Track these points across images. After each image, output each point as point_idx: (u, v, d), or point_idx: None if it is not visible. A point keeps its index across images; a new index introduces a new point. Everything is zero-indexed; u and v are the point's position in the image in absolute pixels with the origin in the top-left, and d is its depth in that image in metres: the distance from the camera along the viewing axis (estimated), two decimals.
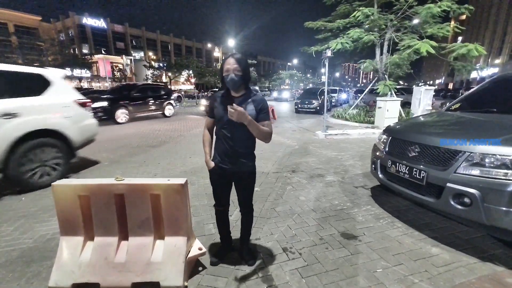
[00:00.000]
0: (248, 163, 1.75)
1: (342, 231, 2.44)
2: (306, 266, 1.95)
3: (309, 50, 11.54)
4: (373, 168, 3.02)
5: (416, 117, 3.98)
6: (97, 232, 1.74)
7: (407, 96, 12.73)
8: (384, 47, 9.84)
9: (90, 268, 1.68)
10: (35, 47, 26.73)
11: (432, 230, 2.44)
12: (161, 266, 1.69)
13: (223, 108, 1.63)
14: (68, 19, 47.73)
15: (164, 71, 39.16)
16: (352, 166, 4.49)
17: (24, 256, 2.07)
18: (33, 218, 2.67)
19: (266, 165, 4.55)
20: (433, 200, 2.19)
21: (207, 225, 2.55)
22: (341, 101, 19.88)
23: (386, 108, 8.22)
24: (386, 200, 3.12)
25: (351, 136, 7.40)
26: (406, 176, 2.42)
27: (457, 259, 2.01)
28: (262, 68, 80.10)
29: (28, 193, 3.29)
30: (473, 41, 8.84)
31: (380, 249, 2.15)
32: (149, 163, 4.70)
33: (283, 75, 50.94)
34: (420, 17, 8.58)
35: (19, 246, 2.20)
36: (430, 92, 8.98)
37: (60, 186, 1.67)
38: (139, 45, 55.35)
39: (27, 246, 2.20)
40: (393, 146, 2.74)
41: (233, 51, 17.30)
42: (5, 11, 43.39)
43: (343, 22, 10.04)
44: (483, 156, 1.96)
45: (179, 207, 1.71)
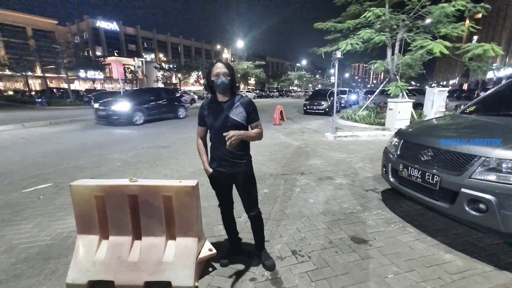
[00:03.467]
0: (245, 164, 1.78)
1: (352, 235, 2.42)
2: (316, 269, 1.94)
3: (318, 51, 11.47)
4: (384, 171, 2.97)
5: (429, 119, 3.90)
6: (112, 231, 1.79)
7: (419, 97, 12.44)
8: (395, 47, 9.67)
9: (105, 266, 1.74)
10: (52, 50, 27.62)
11: (445, 236, 2.38)
12: (172, 266, 1.73)
13: (213, 115, 1.70)
14: (82, 22, 49.25)
15: (174, 72, 39.76)
16: (362, 169, 4.43)
17: (42, 252, 2.15)
18: (50, 216, 2.77)
19: (275, 166, 4.55)
20: (447, 206, 2.14)
21: (216, 226, 2.58)
22: (351, 102, 19.64)
23: (398, 109, 8.06)
24: (397, 204, 3.07)
25: (360, 138, 7.30)
26: (418, 180, 2.38)
27: (472, 267, 1.96)
28: (270, 69, 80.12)
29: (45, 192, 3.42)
30: (489, 40, 8.58)
31: (391, 254, 2.12)
32: (159, 163, 4.78)
33: (291, 76, 50.78)
34: (433, 17, 8.38)
35: (37, 243, 2.29)
36: (443, 94, 8.72)
37: (77, 186, 1.73)
38: (150, 47, 56.45)
39: (45, 243, 2.28)
40: (405, 150, 2.69)
41: (242, 52, 17.40)
42: (24, 15, 45.19)
43: (353, 23, 9.93)
44: (500, 161, 1.90)
45: (190, 208, 1.75)
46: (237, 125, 1.64)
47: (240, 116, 1.66)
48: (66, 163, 4.76)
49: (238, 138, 1.56)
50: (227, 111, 1.66)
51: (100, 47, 48.45)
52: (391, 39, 9.54)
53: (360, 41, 9.22)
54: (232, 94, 1.73)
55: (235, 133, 1.54)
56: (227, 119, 1.65)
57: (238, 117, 1.66)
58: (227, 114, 1.66)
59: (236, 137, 1.54)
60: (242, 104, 1.69)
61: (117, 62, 15.45)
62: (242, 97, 1.74)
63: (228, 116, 1.65)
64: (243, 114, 1.68)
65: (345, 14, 10.98)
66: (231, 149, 1.58)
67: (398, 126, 7.36)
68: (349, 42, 9.20)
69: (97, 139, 7.21)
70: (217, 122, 1.66)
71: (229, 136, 1.52)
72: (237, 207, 2.09)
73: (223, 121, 1.65)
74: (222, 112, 1.67)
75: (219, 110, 1.69)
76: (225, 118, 1.65)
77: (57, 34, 45.05)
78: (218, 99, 1.72)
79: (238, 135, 1.55)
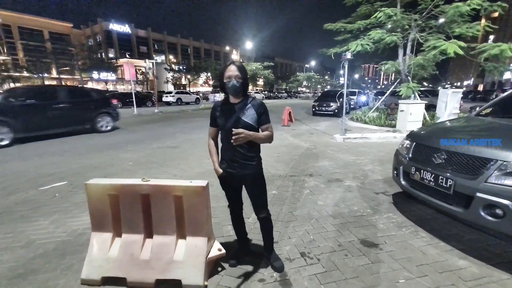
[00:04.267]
0: (254, 165, 1.79)
1: (362, 238, 2.39)
2: (325, 272, 1.93)
3: (328, 52, 11.38)
4: (395, 174, 2.92)
5: (442, 122, 3.81)
6: (125, 229, 1.84)
7: (432, 99, 12.14)
8: (407, 48, 9.49)
9: (118, 263, 1.78)
10: (67, 52, 28.62)
11: (459, 242, 2.32)
12: (182, 265, 1.76)
13: (225, 116, 1.72)
14: (96, 25, 50.71)
15: (184, 73, 40.33)
16: (372, 171, 4.37)
17: (58, 248, 2.23)
18: (66, 213, 2.87)
19: (283, 168, 4.54)
20: (461, 210, 2.08)
21: (226, 226, 2.60)
22: (360, 104, 19.35)
23: (409, 111, 7.90)
24: (409, 207, 3.01)
25: (370, 140, 7.19)
26: (431, 184, 2.33)
27: (488, 274, 1.90)
28: (279, 70, 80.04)
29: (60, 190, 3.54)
30: (506, 40, 8.29)
31: (403, 259, 2.08)
32: (169, 164, 4.86)
33: (300, 77, 50.56)
34: (447, 17, 8.18)
35: (54, 239, 2.38)
36: (457, 95, 8.48)
37: (92, 185, 1.79)
38: (160, 48, 57.51)
39: (61, 239, 2.37)
40: (417, 152, 2.64)
41: (251, 53, 17.41)
42: (41, 19, 46.90)
43: (364, 23, 9.81)
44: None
45: (200, 208, 1.77)
46: (247, 127, 1.65)
47: (251, 118, 1.68)
48: (80, 162, 4.91)
49: (246, 137, 1.58)
50: (239, 113, 1.68)
51: (113, 49, 49.73)
52: (402, 39, 9.37)
53: (371, 42, 9.10)
54: (245, 96, 1.74)
55: (244, 132, 1.56)
56: (238, 121, 1.67)
57: (249, 118, 1.68)
58: (238, 115, 1.68)
59: (244, 136, 1.56)
60: (254, 106, 1.71)
61: (129, 64, 15.82)
62: (254, 99, 1.75)
63: (239, 118, 1.67)
64: (254, 116, 1.69)
65: (355, 14, 10.87)
66: (235, 144, 1.59)
67: (410, 128, 7.20)
68: (359, 43, 9.09)
69: (110, 138, 7.39)
70: (228, 123, 1.69)
71: (237, 132, 1.55)
72: (246, 208, 2.10)
73: (234, 122, 1.67)
74: (233, 113, 1.69)
75: (230, 111, 1.71)
76: (236, 119, 1.67)
77: (72, 37, 46.61)
78: (230, 101, 1.74)
79: (247, 134, 1.58)
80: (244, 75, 1.67)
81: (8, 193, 3.44)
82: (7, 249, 2.21)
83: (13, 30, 44.16)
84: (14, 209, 2.98)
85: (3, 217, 2.78)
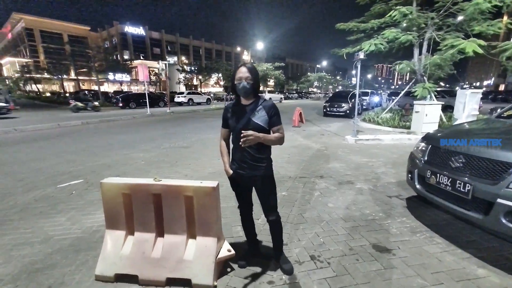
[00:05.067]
0: (265, 167, 1.78)
1: (373, 242, 2.33)
2: (335, 276, 1.90)
3: (340, 52, 11.21)
4: (410, 177, 2.84)
5: (460, 123, 3.66)
6: (137, 227, 1.88)
7: (449, 99, 11.72)
8: (423, 47, 9.19)
9: (130, 261, 1.82)
10: (84, 54, 29.69)
11: (477, 249, 2.22)
12: (192, 265, 1.78)
13: (236, 117, 1.73)
14: (112, 28, 52.40)
15: (195, 74, 40.86)
16: (385, 174, 4.26)
17: (74, 244, 2.31)
18: (81, 211, 2.97)
19: (293, 169, 4.51)
20: (480, 217, 1.99)
21: (235, 227, 2.60)
22: (373, 104, 18.93)
23: (425, 112, 7.66)
24: (424, 212, 2.91)
25: (383, 142, 7.02)
26: (448, 188, 2.24)
27: (510, 284, 1.81)
28: (290, 70, 79.62)
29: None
30: None
31: (417, 265, 2.01)
32: (180, 163, 4.93)
33: (311, 77, 50.07)
34: (466, 14, 7.86)
35: (70, 235, 2.47)
36: (477, 95, 8.12)
37: (107, 184, 1.84)
38: (173, 50, 58.61)
39: (76, 236, 2.45)
40: (434, 155, 2.55)
41: (262, 54, 17.39)
42: (61, 23, 48.94)
43: (378, 22, 9.59)
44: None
45: (210, 209, 1.79)
46: (258, 129, 1.65)
47: (262, 120, 1.68)
48: (95, 161, 5.07)
49: (255, 139, 1.57)
50: (250, 114, 1.69)
51: (127, 51, 51.18)
52: (418, 38, 9.08)
53: (385, 41, 8.89)
54: (256, 97, 1.75)
55: (254, 134, 1.56)
56: (249, 122, 1.67)
57: (260, 120, 1.67)
58: (249, 117, 1.68)
59: (253, 138, 1.56)
60: (265, 108, 1.71)
61: (143, 65, 16.22)
62: (266, 101, 1.75)
63: (250, 119, 1.67)
64: (265, 118, 1.69)
65: (369, 13, 10.65)
66: (244, 146, 1.59)
67: (425, 130, 6.98)
68: (372, 42, 8.90)
69: (124, 138, 7.60)
70: (239, 124, 1.69)
71: (247, 134, 1.55)
72: (255, 209, 2.10)
73: (245, 124, 1.67)
74: (244, 115, 1.70)
75: (242, 112, 1.72)
76: (247, 121, 1.68)
77: (89, 39, 48.32)
78: (242, 102, 1.75)
79: (257, 136, 1.57)
80: (255, 76, 1.67)
81: (28, 190, 3.60)
82: (27, 244, 2.31)
83: (35, 33, 46.39)
84: (34, 205, 3.11)
85: (23, 213, 2.91)
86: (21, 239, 2.39)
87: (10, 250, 2.21)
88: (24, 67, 38.06)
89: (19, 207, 3.06)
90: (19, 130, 8.95)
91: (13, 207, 3.06)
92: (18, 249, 2.24)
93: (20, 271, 1.96)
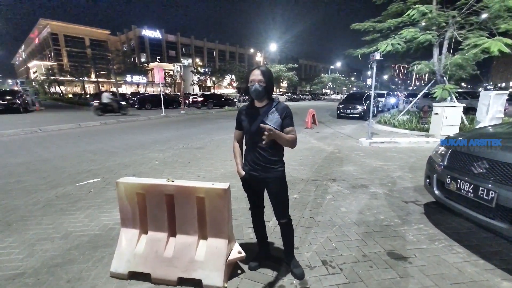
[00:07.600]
0: (277, 169, 1.77)
1: (388, 249, 2.25)
2: (348, 283, 1.85)
3: (355, 53, 11.01)
4: (428, 182, 2.73)
5: (483, 127, 3.48)
6: (150, 227, 1.93)
7: (472, 101, 11.20)
8: (443, 46, 8.84)
9: (143, 259, 1.87)
10: (104, 57, 31.02)
11: (502, 260, 2.09)
12: (203, 265, 1.79)
13: (249, 119, 1.74)
14: (130, 31, 54.37)
15: (209, 76, 41.49)
16: (401, 178, 4.12)
17: (91, 241, 2.40)
18: (99, 208, 3.08)
19: (306, 171, 4.46)
20: (505, 226, 1.88)
21: (246, 229, 2.60)
22: (389, 106, 18.39)
23: (445, 114, 7.34)
24: (443, 219, 2.78)
25: (399, 145, 6.79)
26: (469, 195, 2.13)
27: None
28: (303, 71, 78.97)
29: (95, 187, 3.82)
30: None
31: (435, 275, 1.92)
32: (193, 164, 5.01)
33: (325, 78, 49.43)
34: (491, 12, 7.47)
35: (88, 232, 2.56)
36: (502, 97, 7.67)
37: (122, 183, 1.90)
38: (188, 52, 59.86)
39: (94, 233, 2.54)
40: (454, 160, 2.44)
41: (275, 55, 17.34)
42: (83, 27, 51.34)
43: (395, 22, 9.32)
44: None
45: (221, 210, 1.80)
46: None
47: (275, 122, 1.68)
48: (114, 160, 5.26)
49: (272, 135, 1.52)
50: (263, 117, 1.69)
51: (144, 54, 52.83)
52: (438, 37, 8.74)
53: (402, 41, 8.62)
54: (269, 100, 1.75)
55: (272, 129, 1.52)
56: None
57: (273, 122, 1.67)
58: (263, 119, 1.68)
59: (273, 133, 1.51)
60: (278, 110, 1.71)
61: (159, 68, 16.66)
62: (279, 103, 1.75)
63: (264, 122, 1.67)
64: (278, 120, 1.69)
65: (386, 13, 10.38)
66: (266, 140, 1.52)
67: (445, 133, 6.68)
68: (389, 43, 8.66)
69: (140, 138, 7.83)
70: (252, 126, 1.70)
71: (267, 127, 1.48)
72: (267, 211, 2.09)
73: (258, 126, 1.67)
74: (258, 117, 1.70)
75: (255, 115, 1.73)
76: (260, 123, 1.68)
77: (109, 43, 50.38)
78: (255, 104, 1.76)
79: (274, 132, 1.53)
80: (268, 79, 1.67)
81: (50, 187, 3.78)
82: (48, 239, 2.42)
83: (59, 38, 48.95)
84: (55, 202, 3.27)
85: (46, 209, 3.06)
86: (43, 234, 2.51)
87: (33, 245, 2.33)
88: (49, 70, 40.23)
89: (42, 203, 3.23)
90: (43, 130, 9.44)
91: (37, 203, 3.23)
92: (41, 244, 2.35)
93: (41, 265, 2.06)
